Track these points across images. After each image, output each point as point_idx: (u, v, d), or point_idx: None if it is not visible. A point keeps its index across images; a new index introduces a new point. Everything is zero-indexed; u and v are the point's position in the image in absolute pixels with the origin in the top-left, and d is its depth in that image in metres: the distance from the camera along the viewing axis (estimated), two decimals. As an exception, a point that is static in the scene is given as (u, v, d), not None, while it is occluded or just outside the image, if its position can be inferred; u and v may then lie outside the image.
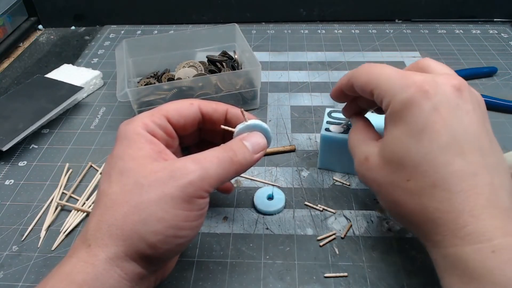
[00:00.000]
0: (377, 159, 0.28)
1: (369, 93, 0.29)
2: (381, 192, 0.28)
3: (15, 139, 0.45)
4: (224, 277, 0.33)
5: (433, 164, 0.25)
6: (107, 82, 0.58)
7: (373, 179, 0.28)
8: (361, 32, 0.69)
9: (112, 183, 0.26)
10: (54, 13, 0.73)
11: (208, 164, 0.27)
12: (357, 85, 0.30)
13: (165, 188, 0.25)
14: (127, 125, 0.29)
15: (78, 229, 0.37)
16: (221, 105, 0.32)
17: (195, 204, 0.26)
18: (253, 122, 0.31)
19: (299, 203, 0.39)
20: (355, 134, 0.33)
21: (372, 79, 0.29)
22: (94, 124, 0.50)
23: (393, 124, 0.27)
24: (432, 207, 0.24)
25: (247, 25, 0.71)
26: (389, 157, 0.27)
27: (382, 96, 0.28)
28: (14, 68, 0.63)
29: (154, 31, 0.72)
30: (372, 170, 0.28)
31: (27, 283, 0.33)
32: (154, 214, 0.25)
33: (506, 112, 0.49)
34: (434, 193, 0.24)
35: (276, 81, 0.57)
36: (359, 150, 0.31)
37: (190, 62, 0.53)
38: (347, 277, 0.32)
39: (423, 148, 0.25)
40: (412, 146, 0.25)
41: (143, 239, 0.24)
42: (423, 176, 0.25)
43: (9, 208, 0.40)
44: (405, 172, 0.26)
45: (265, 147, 0.31)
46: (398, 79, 0.27)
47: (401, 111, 0.26)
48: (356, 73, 0.31)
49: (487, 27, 0.69)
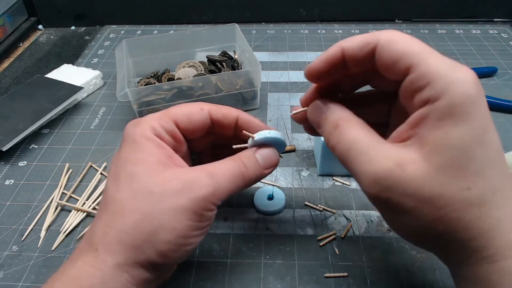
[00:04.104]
0: (421, 166, 0.21)
1: (402, 70, 0.22)
2: (420, 211, 0.22)
3: (15, 139, 0.45)
4: (224, 277, 0.33)
5: (493, 168, 0.21)
6: (107, 82, 0.58)
7: (411, 193, 0.22)
8: (361, 32, 0.68)
9: (121, 187, 0.26)
10: (54, 13, 0.73)
11: (220, 179, 0.27)
12: (387, 54, 0.23)
13: (178, 199, 0.25)
14: (134, 127, 0.28)
15: (78, 229, 0.37)
16: (231, 111, 0.31)
17: (204, 216, 0.26)
18: (263, 137, 0.29)
19: (299, 203, 0.39)
20: (359, 129, 0.24)
21: (415, 52, 0.22)
22: (94, 124, 0.50)
23: (452, 120, 0.21)
24: (490, 217, 0.21)
25: (247, 25, 0.71)
26: (447, 162, 0.21)
27: (428, 79, 0.21)
28: (14, 68, 0.63)
29: (154, 31, 0.72)
30: (412, 181, 0.21)
31: (27, 283, 0.33)
32: (167, 224, 0.25)
33: (506, 112, 0.49)
34: (493, 200, 0.21)
35: (276, 81, 0.57)
36: (381, 155, 0.23)
37: (190, 62, 0.53)
38: (347, 277, 0.32)
39: (487, 150, 0.21)
40: (477, 148, 0.21)
41: (153, 247, 0.24)
42: (486, 181, 0.21)
43: (9, 208, 0.40)
44: (466, 180, 0.21)
45: (276, 164, 0.31)
46: (450, 63, 0.22)
47: (464, 106, 0.21)
48: (386, 35, 0.23)
49: (487, 27, 0.69)
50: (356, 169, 0.24)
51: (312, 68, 0.26)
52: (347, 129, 0.25)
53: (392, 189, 0.22)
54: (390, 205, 0.23)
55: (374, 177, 0.22)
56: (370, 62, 0.24)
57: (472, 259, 0.22)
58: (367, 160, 0.23)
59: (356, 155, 0.23)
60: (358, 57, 0.24)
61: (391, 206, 0.23)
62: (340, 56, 0.25)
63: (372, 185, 0.23)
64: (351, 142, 0.24)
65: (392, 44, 0.23)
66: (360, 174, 0.23)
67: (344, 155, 0.24)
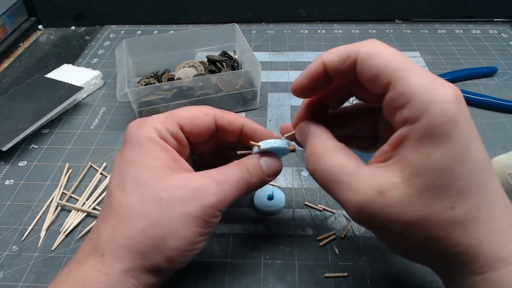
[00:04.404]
0: (403, 191, 0.21)
1: (382, 85, 0.22)
2: (407, 233, 0.22)
3: (15, 139, 0.45)
4: (224, 277, 0.33)
5: (477, 185, 0.21)
6: (107, 82, 0.58)
7: (395, 219, 0.21)
8: (361, 32, 0.69)
9: (127, 191, 0.25)
10: (54, 13, 0.73)
11: (228, 186, 0.27)
12: (367, 68, 0.22)
13: (187, 207, 0.25)
14: (139, 128, 0.27)
15: (78, 229, 0.37)
16: (237, 118, 0.31)
17: (211, 223, 0.26)
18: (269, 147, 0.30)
19: (299, 203, 0.39)
20: (335, 156, 0.24)
21: (395, 67, 0.21)
22: (94, 124, 0.50)
23: (432, 141, 0.20)
24: (476, 232, 0.21)
25: (247, 25, 0.71)
26: (429, 184, 0.21)
27: (407, 99, 0.21)
28: (14, 68, 0.63)
29: (154, 31, 0.72)
30: (395, 207, 0.21)
31: (27, 283, 0.33)
32: (175, 231, 0.25)
33: (506, 112, 0.49)
34: (478, 216, 0.21)
35: (276, 81, 0.57)
36: (361, 184, 0.22)
37: (190, 62, 0.53)
38: (347, 277, 0.32)
39: (470, 167, 0.21)
40: (459, 167, 0.21)
41: (161, 253, 0.25)
42: (469, 199, 0.21)
43: (9, 208, 0.40)
44: (449, 200, 0.21)
45: (279, 171, 0.31)
46: (430, 80, 0.21)
47: (443, 127, 0.20)
48: (367, 48, 0.22)
49: (487, 27, 0.69)
50: (338, 198, 0.24)
51: (297, 85, 0.26)
52: (323, 157, 0.25)
53: (376, 216, 0.22)
54: (378, 229, 0.23)
55: (357, 207, 0.22)
56: (353, 74, 0.24)
57: (461, 272, 0.22)
58: (348, 189, 0.23)
59: (335, 184, 0.23)
60: (341, 70, 0.24)
61: (379, 230, 0.23)
62: (322, 70, 0.24)
63: (356, 214, 0.23)
64: (328, 171, 0.24)
65: (371, 58, 0.22)
66: (343, 203, 0.23)
67: (323, 183, 0.25)
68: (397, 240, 0.23)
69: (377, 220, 0.22)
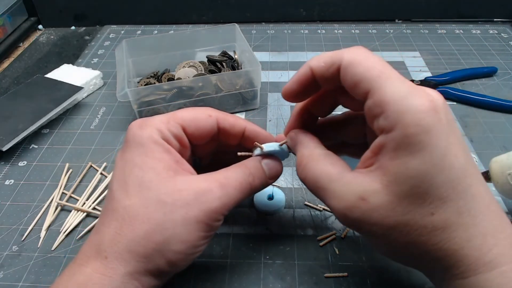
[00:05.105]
0: (383, 197, 0.22)
1: (362, 93, 0.23)
2: (390, 237, 0.23)
3: (15, 139, 0.45)
4: (224, 277, 0.33)
5: (457, 191, 0.21)
6: (107, 82, 0.58)
7: (377, 223, 0.22)
8: (361, 32, 0.69)
9: (130, 194, 0.25)
10: (54, 13, 0.73)
11: (231, 190, 0.27)
12: (349, 76, 0.23)
13: (190, 211, 0.25)
14: (141, 129, 0.27)
15: (78, 229, 0.37)
16: (239, 121, 0.31)
17: (213, 226, 0.26)
18: (273, 150, 0.30)
19: (299, 203, 0.39)
20: (320, 165, 0.25)
21: (373, 76, 0.22)
22: (94, 124, 0.50)
23: (408, 151, 0.21)
24: (458, 237, 0.21)
25: (247, 25, 0.71)
26: (408, 191, 0.21)
27: (382, 108, 0.21)
28: (14, 68, 0.63)
29: (154, 31, 0.72)
30: (376, 212, 0.22)
31: (27, 283, 0.33)
32: (178, 235, 0.25)
33: (506, 112, 0.49)
34: (459, 222, 0.21)
35: (276, 81, 0.57)
36: (344, 190, 0.23)
37: (190, 62, 0.53)
38: (347, 277, 0.32)
39: (449, 174, 0.21)
40: (437, 175, 0.21)
41: (164, 257, 0.25)
42: (449, 205, 0.21)
43: (9, 208, 0.40)
44: (429, 206, 0.21)
45: (280, 174, 0.31)
46: (407, 89, 0.21)
47: (418, 137, 0.21)
48: (350, 56, 0.23)
49: (487, 27, 0.69)
50: (326, 203, 0.25)
51: (287, 89, 0.27)
52: (311, 165, 0.26)
53: (360, 220, 0.23)
54: (363, 232, 0.24)
55: (342, 213, 0.23)
56: (338, 80, 0.24)
57: (446, 276, 0.23)
58: (332, 196, 0.24)
59: (322, 191, 0.25)
60: (326, 76, 0.24)
61: (364, 233, 0.24)
62: (310, 75, 0.25)
63: (342, 219, 0.24)
64: (315, 178, 0.25)
65: (352, 66, 0.23)
66: (331, 209, 0.25)
67: (312, 190, 0.26)
68: (382, 244, 0.24)
69: (361, 224, 0.23)
